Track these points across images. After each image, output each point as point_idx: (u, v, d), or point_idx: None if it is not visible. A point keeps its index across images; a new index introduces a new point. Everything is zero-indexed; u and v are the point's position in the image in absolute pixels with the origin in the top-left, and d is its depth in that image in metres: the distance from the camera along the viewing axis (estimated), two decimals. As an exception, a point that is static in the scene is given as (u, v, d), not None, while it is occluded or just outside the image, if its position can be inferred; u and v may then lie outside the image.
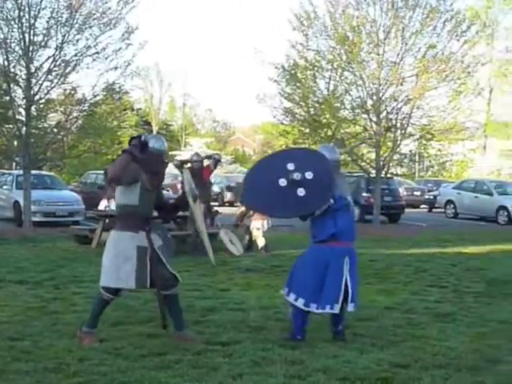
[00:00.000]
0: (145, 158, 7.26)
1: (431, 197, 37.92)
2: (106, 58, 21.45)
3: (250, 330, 8.03)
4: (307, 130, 27.47)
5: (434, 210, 36.70)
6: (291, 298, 7.59)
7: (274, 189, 7.55)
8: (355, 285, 7.70)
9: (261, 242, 16.15)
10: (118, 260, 7.21)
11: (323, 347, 7.34)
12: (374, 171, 25.64)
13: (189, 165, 16.39)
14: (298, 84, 26.02)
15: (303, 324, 7.66)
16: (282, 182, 7.53)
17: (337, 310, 7.46)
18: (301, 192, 7.48)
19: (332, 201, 7.53)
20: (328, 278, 7.46)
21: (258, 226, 16.14)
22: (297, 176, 7.46)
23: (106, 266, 7.31)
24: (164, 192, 9.67)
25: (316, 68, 25.72)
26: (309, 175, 7.53)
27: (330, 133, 25.97)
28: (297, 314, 7.63)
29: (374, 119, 25.03)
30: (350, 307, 7.62)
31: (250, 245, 16.33)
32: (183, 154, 58.35)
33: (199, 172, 15.81)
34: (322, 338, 7.76)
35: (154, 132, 75.54)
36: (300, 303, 7.50)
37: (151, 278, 7.23)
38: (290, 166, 7.57)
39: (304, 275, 7.53)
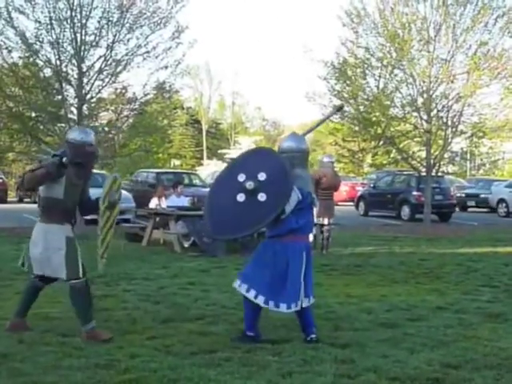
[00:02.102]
0: (67, 153, 7.31)
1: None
2: (157, 57, 21.59)
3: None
4: (357, 128, 27.34)
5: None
6: (251, 294, 7.31)
7: (236, 208, 7.26)
8: (310, 279, 7.50)
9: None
10: (49, 252, 7.30)
11: (374, 346, 7.29)
12: (424, 169, 25.41)
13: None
14: (348, 81, 25.87)
15: (256, 321, 7.48)
16: (240, 196, 7.24)
17: (298, 307, 7.30)
18: (262, 197, 7.19)
19: (300, 197, 7.28)
20: (287, 275, 7.26)
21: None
22: (249, 185, 7.18)
23: (35, 258, 7.38)
24: None
25: (366, 65, 25.57)
26: (261, 176, 7.25)
27: (379, 131, 25.80)
28: (250, 311, 7.45)
29: (425, 117, 24.81)
30: (305, 302, 7.40)
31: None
32: (232, 153, 58.65)
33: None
34: (372, 337, 7.71)
35: (204, 131, 76.02)
36: (260, 300, 7.27)
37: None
38: (241, 178, 7.27)
39: (263, 272, 7.28)
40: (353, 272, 13.22)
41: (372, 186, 32.99)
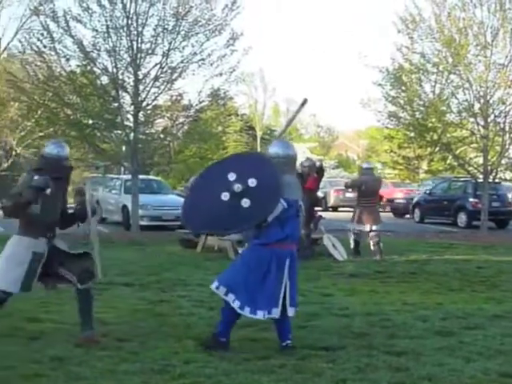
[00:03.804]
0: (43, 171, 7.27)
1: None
2: (212, 64, 21.73)
3: (354, 336, 7.97)
4: (412, 134, 27.09)
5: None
6: (230, 298, 7.15)
7: (217, 205, 7.13)
8: (295, 288, 7.38)
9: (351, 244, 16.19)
10: (11, 264, 7.26)
11: (429, 355, 7.22)
12: (481, 176, 25.11)
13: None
14: (403, 87, 25.69)
15: (230, 327, 7.34)
16: (225, 195, 7.11)
17: (276, 314, 7.15)
18: (245, 203, 7.05)
19: (285, 205, 7.12)
20: (268, 281, 7.11)
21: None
22: (237, 188, 7.04)
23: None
24: None
25: (421, 71, 25.37)
26: (252, 182, 7.10)
27: (435, 137, 25.56)
28: (227, 316, 7.29)
29: (482, 123, 24.51)
30: (290, 312, 7.29)
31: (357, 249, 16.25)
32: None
33: (306, 177, 15.65)
34: (428, 345, 7.64)
35: (258, 138, 76.16)
36: (236, 305, 7.12)
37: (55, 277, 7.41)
38: (231, 177, 7.13)
39: (244, 277, 7.13)
40: (408, 279, 13.11)
41: (428, 192, 32.66)
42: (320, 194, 17.93)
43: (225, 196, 7.12)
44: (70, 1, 21.92)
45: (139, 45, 20.98)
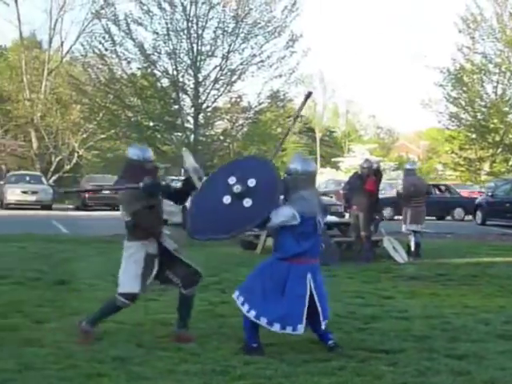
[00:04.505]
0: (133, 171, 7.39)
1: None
2: (271, 66, 21.82)
3: (415, 339, 7.90)
4: (474, 136, 26.84)
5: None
6: (245, 308, 7.24)
7: (220, 209, 7.25)
8: (324, 301, 7.34)
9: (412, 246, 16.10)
10: (130, 267, 7.39)
11: (491, 358, 7.12)
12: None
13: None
14: (465, 88, 25.45)
15: (256, 331, 7.29)
16: (227, 199, 7.23)
17: (301, 330, 7.12)
18: (247, 202, 7.14)
19: (298, 220, 7.07)
20: (287, 297, 7.10)
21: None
22: (237, 189, 7.15)
23: (126, 275, 7.45)
24: (327, 198, 9.63)
25: (483, 71, 25.09)
26: (251, 182, 7.20)
27: (497, 138, 25.25)
28: (248, 323, 7.30)
29: (545, 124, 24.14)
30: (323, 324, 7.27)
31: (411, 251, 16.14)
32: (346, 161, 58.47)
33: (366, 178, 15.63)
34: (490, 348, 7.54)
35: (318, 139, 76.04)
36: (251, 315, 7.15)
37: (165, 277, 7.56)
38: (231, 180, 7.24)
39: (262, 289, 7.17)
40: (469, 282, 12.94)
41: (490, 194, 32.23)
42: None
43: (226, 199, 7.25)
44: (131, 4, 22.22)
45: (199, 47, 21.14)
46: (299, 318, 7.11)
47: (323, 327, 7.32)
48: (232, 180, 7.28)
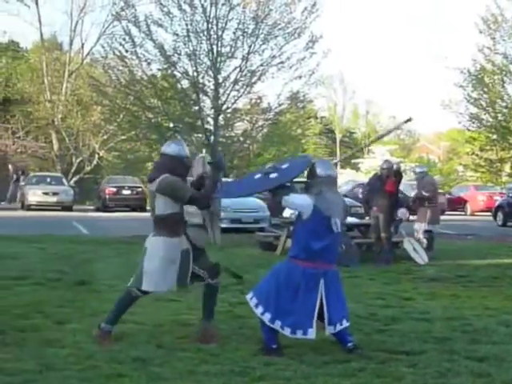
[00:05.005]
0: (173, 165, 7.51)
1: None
2: (291, 68, 21.73)
3: (435, 341, 7.88)
4: (495, 137, 26.67)
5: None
6: (258, 310, 7.28)
7: (250, 181, 8.27)
8: (337, 307, 7.31)
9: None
10: (165, 264, 7.42)
11: (512, 361, 7.09)
12: None
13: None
14: (485, 89, 25.31)
15: (275, 332, 7.28)
16: (258, 176, 7.96)
17: (312, 335, 7.15)
18: (273, 175, 7.66)
19: (310, 211, 7.13)
20: (299, 301, 7.14)
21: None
22: (269, 169, 7.83)
23: (150, 272, 7.43)
24: (348, 199, 9.70)
25: (504, 72, 24.94)
26: (283, 166, 7.84)
27: (519, 139, 25.11)
28: (265, 325, 7.30)
29: None
30: (329, 330, 7.28)
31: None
32: (366, 162, 58.30)
33: (385, 179, 15.60)
34: (510, 350, 7.48)
35: (338, 140, 75.92)
36: (266, 318, 7.19)
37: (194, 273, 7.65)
38: (272, 175, 7.72)
39: (276, 291, 7.23)
40: (490, 284, 12.89)
41: (511, 195, 32.06)
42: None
43: (258, 177, 7.98)
44: (151, 5, 22.24)
45: (219, 48, 21.12)
46: (309, 323, 7.17)
47: (327, 333, 7.33)
48: (273, 175, 7.70)
